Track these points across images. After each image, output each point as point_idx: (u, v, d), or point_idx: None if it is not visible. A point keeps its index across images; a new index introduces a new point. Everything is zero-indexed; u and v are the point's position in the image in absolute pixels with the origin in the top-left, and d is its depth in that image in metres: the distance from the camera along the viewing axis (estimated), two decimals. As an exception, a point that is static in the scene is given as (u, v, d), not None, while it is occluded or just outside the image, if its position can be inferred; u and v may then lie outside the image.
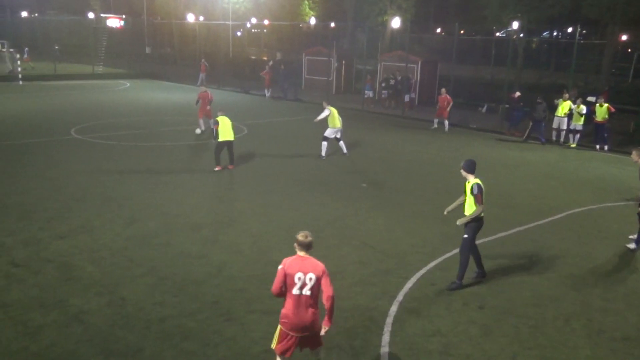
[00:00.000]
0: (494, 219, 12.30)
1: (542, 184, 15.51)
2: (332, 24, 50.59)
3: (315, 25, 55.62)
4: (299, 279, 5.69)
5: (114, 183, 13.96)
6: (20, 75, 35.94)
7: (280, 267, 5.77)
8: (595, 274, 9.63)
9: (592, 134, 21.06)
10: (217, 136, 14.99)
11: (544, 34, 60.05)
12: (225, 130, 14.96)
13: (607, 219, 12.66)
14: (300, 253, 5.84)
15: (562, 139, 21.52)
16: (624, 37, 48.02)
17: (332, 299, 5.75)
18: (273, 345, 5.95)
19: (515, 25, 35.30)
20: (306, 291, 5.70)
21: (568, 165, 18.19)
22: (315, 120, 17.51)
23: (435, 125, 23.29)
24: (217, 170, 15.07)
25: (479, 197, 8.49)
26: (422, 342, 7.28)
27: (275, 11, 53.83)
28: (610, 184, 15.89)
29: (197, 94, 20.58)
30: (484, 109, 29.44)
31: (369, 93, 30.39)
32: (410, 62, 29.41)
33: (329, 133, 17.32)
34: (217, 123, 14.98)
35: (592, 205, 13.53)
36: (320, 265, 5.82)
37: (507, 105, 24.84)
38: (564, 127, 21.36)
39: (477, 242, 10.77)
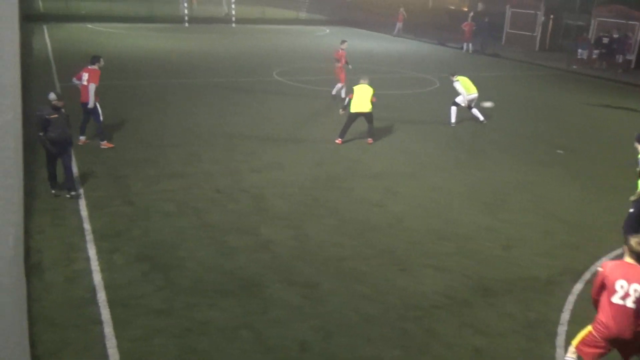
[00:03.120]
0: None
1: None
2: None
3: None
4: (621, 287, 4.96)
5: (305, 125, 14.72)
6: (233, 18, 38.93)
7: (600, 269, 5.25)
8: None
9: None
10: (348, 107, 13.33)
11: None
12: (359, 100, 13.09)
13: None
14: (629, 259, 5.09)
15: None
16: None
17: None
18: (574, 343, 5.38)
19: None
20: (630, 303, 4.94)
21: None
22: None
23: None
24: (337, 143, 13.23)
25: None
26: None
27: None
28: None
29: (335, 53, 17.73)
30: None
31: (582, 53, 27.59)
32: (631, 18, 26.06)
33: (460, 100, 15.20)
34: (352, 92, 13.26)
35: None
36: None
37: None
38: None
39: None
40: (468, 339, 6.35)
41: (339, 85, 17.43)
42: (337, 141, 13.29)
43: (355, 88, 13.25)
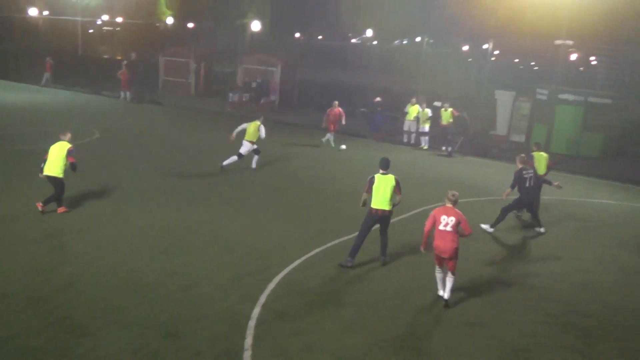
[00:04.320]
0: (353, 218, 12.76)
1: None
2: (191, 25, 49.54)
3: (172, 25, 54.08)
4: (443, 219, 8.50)
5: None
6: None
7: (431, 213, 8.67)
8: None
9: (439, 136, 22.66)
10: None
11: (396, 42, 63.63)
12: (48, 162, 11.39)
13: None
14: (448, 204, 8.65)
15: (412, 141, 22.93)
16: (465, 48, 52.54)
17: (470, 234, 8.70)
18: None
19: (369, 33, 37.07)
20: (449, 228, 8.46)
21: (419, 165, 19.39)
22: (236, 131, 16.54)
23: (325, 139, 21.35)
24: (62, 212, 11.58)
25: (365, 186, 9.79)
26: (285, 342, 7.35)
27: (130, 9, 51.52)
28: (456, 181, 17.19)
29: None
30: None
31: (233, 96, 30.13)
32: (270, 65, 29.64)
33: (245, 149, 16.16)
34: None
35: (437, 204, 14.50)
36: (459, 213, 8.56)
37: (363, 109, 26.02)
38: (414, 130, 22.80)
39: (338, 240, 11.19)
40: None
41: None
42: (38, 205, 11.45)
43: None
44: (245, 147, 16.19)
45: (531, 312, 8.80)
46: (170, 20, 54.43)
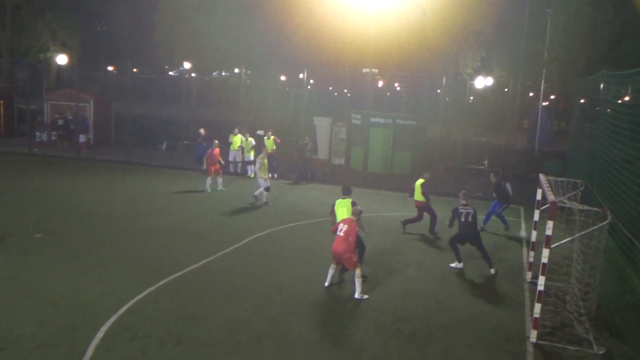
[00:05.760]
0: (183, 252, 12.39)
1: (226, 214, 16.28)
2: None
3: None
4: (340, 227, 10.48)
5: None
6: None
7: (339, 221, 10.82)
8: (281, 292, 10.46)
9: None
10: None
11: (214, 73, 63.68)
12: None
13: (284, 239, 13.93)
14: (352, 216, 10.67)
15: (239, 171, 23.02)
16: (283, 78, 54.39)
17: (351, 235, 10.39)
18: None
19: (186, 65, 36.63)
20: (341, 233, 10.33)
21: (247, 194, 19.46)
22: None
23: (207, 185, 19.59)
24: None
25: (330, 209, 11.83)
26: (119, 394, 6.83)
27: None
28: (283, 208, 17.55)
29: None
30: (164, 147, 29.67)
31: (41, 136, 27.72)
32: (81, 101, 27.88)
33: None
34: None
35: (270, 229, 14.73)
36: (352, 223, 10.47)
37: (186, 142, 25.58)
38: (239, 159, 22.92)
39: (171, 277, 10.75)
40: None
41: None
42: None
43: None
44: (262, 182, 17.62)
45: (363, 325, 9.23)
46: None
